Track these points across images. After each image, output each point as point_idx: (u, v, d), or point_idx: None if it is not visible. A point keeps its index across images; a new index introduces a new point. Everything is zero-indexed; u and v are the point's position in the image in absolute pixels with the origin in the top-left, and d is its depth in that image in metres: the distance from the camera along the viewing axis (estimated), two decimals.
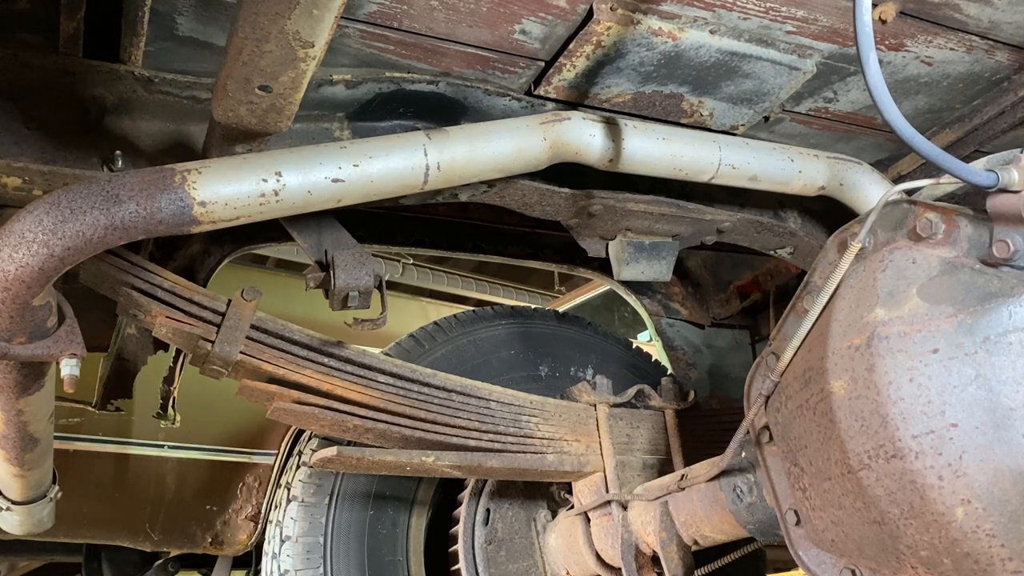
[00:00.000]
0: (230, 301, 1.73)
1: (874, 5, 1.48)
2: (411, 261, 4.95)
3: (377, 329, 1.67)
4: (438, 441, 1.90)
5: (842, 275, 1.40)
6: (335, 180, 1.41)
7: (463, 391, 2.00)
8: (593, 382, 2.22)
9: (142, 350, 2.25)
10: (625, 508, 1.96)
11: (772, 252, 2.20)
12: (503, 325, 2.48)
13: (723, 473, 1.73)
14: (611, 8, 1.45)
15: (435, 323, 2.40)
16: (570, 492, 2.20)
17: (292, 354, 1.79)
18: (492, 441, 1.96)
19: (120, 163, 1.45)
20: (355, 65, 1.57)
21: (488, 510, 2.19)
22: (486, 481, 2.21)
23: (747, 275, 2.77)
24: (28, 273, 1.24)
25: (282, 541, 2.09)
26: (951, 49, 1.64)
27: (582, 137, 1.63)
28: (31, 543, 3.03)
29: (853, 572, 1.43)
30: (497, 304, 3.00)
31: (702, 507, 1.80)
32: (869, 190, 1.83)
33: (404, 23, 1.45)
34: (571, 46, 1.52)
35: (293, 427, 3.04)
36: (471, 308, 2.72)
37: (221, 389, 2.12)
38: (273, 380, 1.77)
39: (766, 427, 1.58)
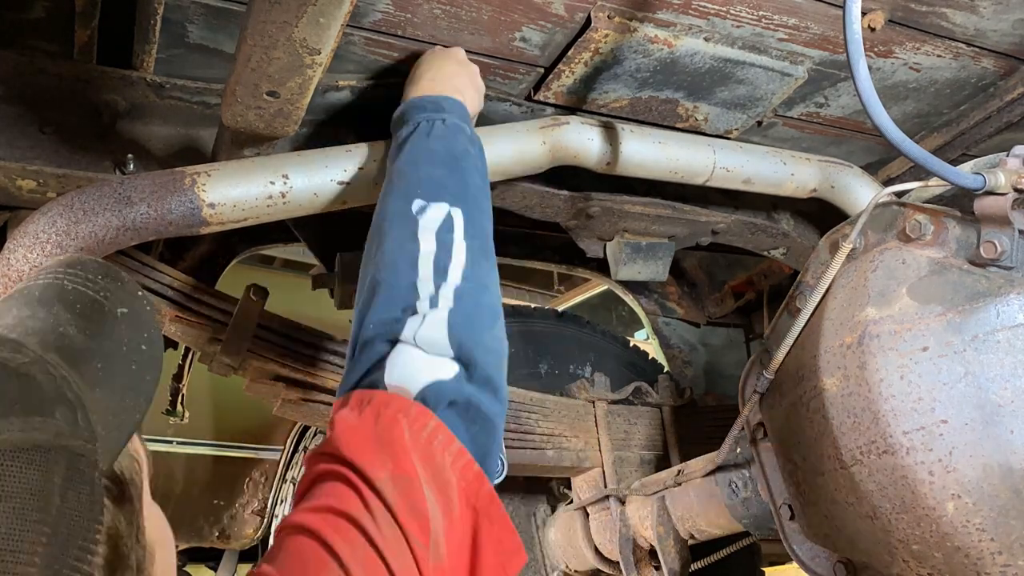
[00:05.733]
0: (238, 300, 1.75)
1: (863, 13, 1.47)
2: None
3: None
4: None
5: (834, 275, 1.41)
6: (340, 182, 1.42)
7: None
8: (592, 379, 2.23)
9: None
10: (623, 503, 1.97)
11: (766, 253, 2.19)
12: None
13: (719, 468, 1.74)
14: (608, 16, 1.45)
15: None
16: (569, 487, 2.21)
17: (298, 352, 1.80)
18: None
19: (132, 166, 1.44)
20: (360, 71, 1.56)
21: None
22: None
23: (741, 275, 2.75)
24: None
25: None
26: (938, 56, 1.63)
27: (581, 141, 1.62)
28: None
29: (846, 566, 1.43)
30: None
31: (698, 502, 1.81)
32: (859, 192, 1.83)
33: (408, 31, 1.45)
34: (570, 53, 1.51)
35: (298, 423, 3.04)
36: None
37: (229, 386, 2.13)
38: (279, 377, 1.78)
39: (760, 423, 1.59)
